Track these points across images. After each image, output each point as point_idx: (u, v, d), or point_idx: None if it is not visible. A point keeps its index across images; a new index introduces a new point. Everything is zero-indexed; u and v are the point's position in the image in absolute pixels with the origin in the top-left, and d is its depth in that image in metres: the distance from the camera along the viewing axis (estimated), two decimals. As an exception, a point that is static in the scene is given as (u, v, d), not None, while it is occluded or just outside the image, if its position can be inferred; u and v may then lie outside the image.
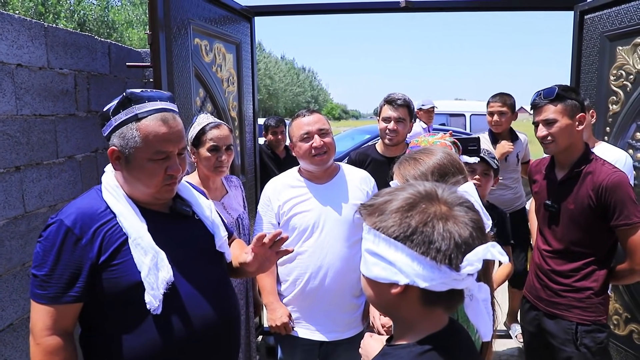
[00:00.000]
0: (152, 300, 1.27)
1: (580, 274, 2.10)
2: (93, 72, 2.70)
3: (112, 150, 1.34)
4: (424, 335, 0.90)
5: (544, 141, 2.12)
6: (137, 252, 1.29)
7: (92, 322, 1.34)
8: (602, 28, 3.03)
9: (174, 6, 2.46)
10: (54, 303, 1.27)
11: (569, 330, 2.11)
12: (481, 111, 10.03)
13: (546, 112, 2.08)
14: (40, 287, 1.27)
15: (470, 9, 3.47)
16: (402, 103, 2.74)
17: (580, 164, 2.09)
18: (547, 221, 2.22)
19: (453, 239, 0.84)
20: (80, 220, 1.29)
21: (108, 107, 1.36)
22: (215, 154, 2.12)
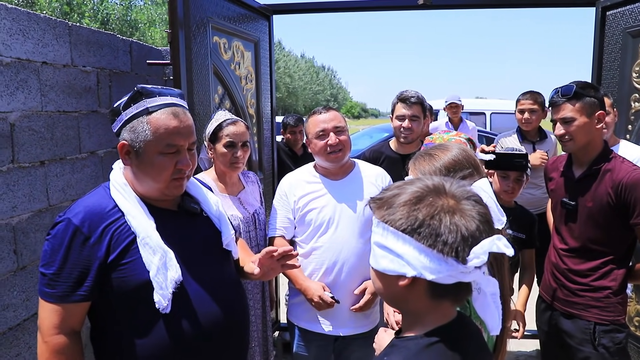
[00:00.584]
0: (160, 300, 1.27)
1: (598, 273, 2.07)
2: (115, 69, 2.76)
3: (123, 144, 1.33)
4: (432, 327, 0.91)
5: (562, 139, 2.10)
6: (145, 251, 1.28)
7: (101, 320, 1.34)
8: (624, 24, 2.98)
9: (194, 5, 2.51)
10: (61, 302, 1.26)
11: (587, 330, 2.08)
12: (501, 109, 9.90)
13: (564, 110, 2.06)
14: (49, 286, 1.27)
15: (489, 5, 3.44)
16: (416, 100, 2.72)
17: (599, 162, 2.06)
18: (564, 219, 2.20)
19: (460, 232, 0.84)
20: (89, 219, 1.28)
21: (119, 103, 1.35)
22: (231, 150, 2.15)
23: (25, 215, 2.06)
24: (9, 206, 1.97)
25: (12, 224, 1.99)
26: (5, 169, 1.96)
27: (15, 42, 2.01)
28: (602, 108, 2.06)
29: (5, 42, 1.96)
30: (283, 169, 3.86)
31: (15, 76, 2.01)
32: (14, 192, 2.00)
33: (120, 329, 1.31)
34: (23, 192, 2.05)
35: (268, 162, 3.47)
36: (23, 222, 2.04)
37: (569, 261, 2.16)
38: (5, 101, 1.96)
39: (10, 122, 1.98)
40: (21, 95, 2.04)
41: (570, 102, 2.04)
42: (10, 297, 1.97)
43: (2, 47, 1.94)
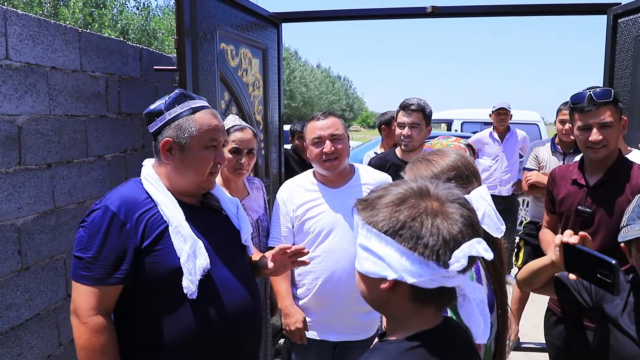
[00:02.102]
0: (189, 285, 1.34)
1: None
2: (124, 75, 2.81)
3: (167, 141, 1.43)
4: (414, 332, 0.89)
5: (596, 145, 1.98)
6: (177, 239, 1.36)
7: (129, 304, 1.40)
8: (636, 32, 2.94)
9: (201, 12, 2.54)
10: (99, 284, 1.33)
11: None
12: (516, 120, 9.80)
13: (604, 115, 1.95)
14: (86, 269, 1.33)
15: (499, 14, 3.42)
16: (416, 108, 2.71)
17: (616, 168, 2.01)
18: (579, 228, 2.11)
19: (441, 234, 0.83)
20: (124, 206, 1.36)
21: (157, 106, 1.46)
22: (235, 156, 2.16)
23: (30, 217, 2.09)
24: (14, 207, 2.01)
25: (17, 224, 2.02)
26: (12, 170, 2.00)
27: (25, 47, 2.06)
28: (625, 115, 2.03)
29: (15, 47, 2.01)
30: (291, 176, 3.87)
31: (24, 80, 2.05)
32: (20, 194, 2.04)
33: (149, 312, 1.38)
34: (29, 194, 2.09)
35: (275, 169, 3.49)
36: (28, 223, 2.08)
37: None
38: (14, 104, 2.00)
39: (18, 125, 2.03)
40: (29, 99, 2.09)
41: (608, 106, 1.95)
42: (13, 296, 2.00)
43: (12, 52, 1.99)
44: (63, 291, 2.30)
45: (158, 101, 1.47)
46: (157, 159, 1.49)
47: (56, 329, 2.25)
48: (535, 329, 4.02)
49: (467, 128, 10.27)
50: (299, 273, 2.14)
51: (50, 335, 2.22)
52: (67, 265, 2.33)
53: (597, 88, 2.01)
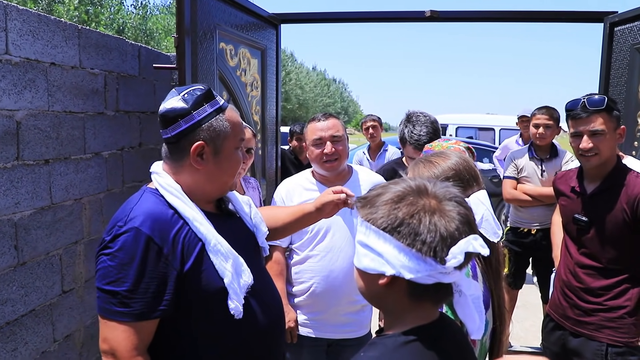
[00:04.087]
0: (237, 306, 1.24)
1: (613, 292, 1.99)
2: (123, 73, 2.81)
3: (199, 145, 1.25)
4: (411, 326, 0.91)
5: (587, 153, 1.98)
6: (217, 258, 1.24)
7: (167, 330, 1.25)
8: (632, 40, 2.97)
9: (201, 12, 2.55)
10: (140, 320, 1.17)
11: (599, 352, 2.00)
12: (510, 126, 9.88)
13: (594, 122, 1.94)
14: (123, 305, 1.15)
15: (496, 19, 3.45)
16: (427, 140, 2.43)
17: (613, 177, 2.00)
18: (576, 236, 2.12)
19: (439, 231, 0.85)
20: (157, 227, 1.19)
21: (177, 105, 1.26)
22: None
23: (27, 212, 2.09)
24: (11, 202, 2.00)
25: (14, 220, 2.02)
26: (10, 165, 1.99)
27: (25, 43, 2.06)
28: (622, 123, 2.01)
29: (15, 42, 2.00)
30: (286, 177, 3.88)
31: (23, 75, 2.05)
32: (17, 189, 2.03)
33: (186, 336, 1.26)
34: (26, 189, 2.08)
35: (271, 169, 3.49)
36: (25, 218, 2.07)
37: (581, 279, 2.08)
38: (13, 99, 2.00)
39: (16, 120, 2.02)
40: (28, 94, 2.08)
41: (600, 114, 1.94)
42: (9, 292, 1.99)
43: (12, 47, 1.99)
44: (58, 287, 2.29)
45: (173, 99, 1.27)
46: (177, 164, 1.29)
47: (51, 325, 2.25)
48: (525, 332, 4.06)
49: (461, 133, 10.34)
50: (296, 271, 2.15)
51: (45, 332, 2.21)
52: (63, 262, 2.32)
53: (593, 95, 2.01)
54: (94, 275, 2.55)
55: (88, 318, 2.53)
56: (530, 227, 3.63)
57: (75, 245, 2.42)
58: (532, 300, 4.54)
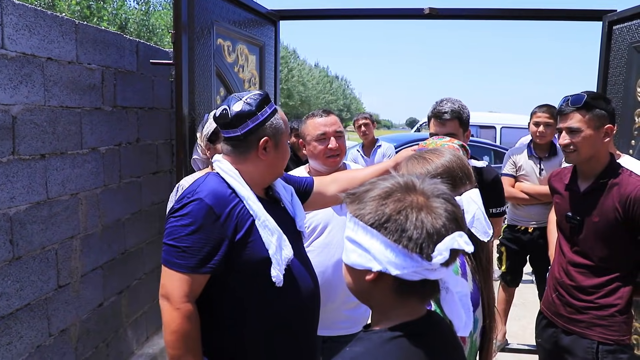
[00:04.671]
0: (278, 274, 1.43)
1: (604, 291, 1.99)
2: (120, 68, 2.81)
3: (266, 139, 1.49)
4: (397, 322, 0.91)
5: (566, 149, 2.04)
6: (265, 232, 1.45)
7: (214, 293, 1.46)
8: (630, 39, 2.96)
9: (199, 8, 2.55)
10: (193, 272, 1.39)
11: (590, 349, 2.00)
12: (512, 124, 9.85)
13: (571, 120, 1.99)
14: (182, 257, 1.38)
15: (496, 17, 3.44)
16: (450, 116, 2.29)
17: (606, 175, 2.00)
18: (569, 234, 2.12)
19: (425, 228, 0.85)
20: (217, 201, 1.42)
21: (243, 108, 1.47)
22: None
23: (23, 207, 2.09)
24: (7, 197, 2.01)
25: (10, 214, 2.03)
26: (6, 160, 2.00)
27: (21, 37, 2.06)
28: (611, 121, 2.00)
29: (11, 36, 2.01)
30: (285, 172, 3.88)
31: (19, 70, 2.06)
32: (13, 183, 2.04)
33: (233, 299, 1.46)
34: (22, 184, 2.09)
35: (269, 166, 3.49)
36: (20, 213, 2.08)
37: (573, 277, 2.09)
38: (9, 94, 2.00)
39: (12, 115, 2.03)
40: (25, 89, 2.09)
41: (579, 112, 1.97)
42: (3, 286, 2.00)
43: (8, 41, 2.00)
44: (54, 282, 2.31)
45: (238, 104, 1.48)
46: (242, 157, 1.51)
47: (46, 319, 2.26)
48: (523, 330, 4.06)
49: None
50: None
51: (40, 326, 2.22)
52: (59, 256, 2.33)
53: (583, 93, 2.02)
54: (90, 270, 2.58)
55: (84, 312, 2.55)
56: (528, 225, 3.63)
57: (72, 240, 2.43)
58: (530, 298, 4.54)
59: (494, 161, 7.37)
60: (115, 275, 2.85)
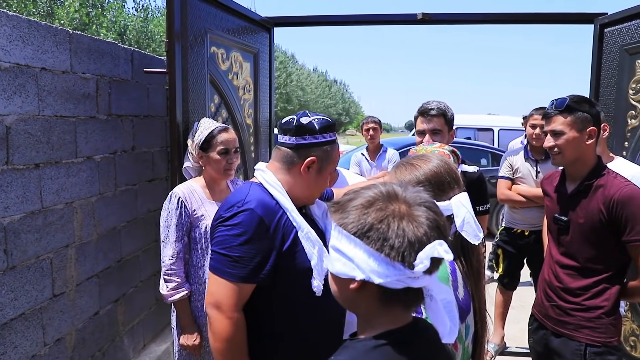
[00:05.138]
0: (319, 285, 1.48)
1: (591, 292, 2.02)
2: (115, 77, 2.83)
3: (313, 159, 1.53)
4: (382, 330, 0.92)
5: (551, 152, 2.09)
6: (307, 243, 1.49)
7: (257, 302, 1.50)
8: (621, 41, 2.98)
9: (192, 16, 2.57)
10: (244, 282, 1.43)
11: (578, 351, 2.02)
12: (509, 126, 9.87)
13: (555, 122, 2.04)
14: (233, 267, 1.42)
15: (487, 21, 3.46)
16: (437, 113, 2.46)
17: (592, 177, 2.03)
18: (557, 236, 2.15)
19: (406, 237, 0.86)
20: (266, 211, 1.46)
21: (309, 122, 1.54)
22: (225, 157, 2.22)
23: (17, 216, 2.10)
24: (1, 206, 2.02)
25: (4, 224, 2.03)
26: (0, 170, 2.01)
27: (15, 48, 2.08)
28: (595, 124, 2.03)
29: (5, 47, 2.02)
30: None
31: (13, 81, 2.07)
32: (7, 193, 2.05)
33: (274, 306, 1.51)
34: (16, 194, 2.10)
35: (265, 172, 3.51)
36: (15, 222, 2.09)
37: (561, 279, 2.11)
38: (2, 104, 2.02)
39: (6, 125, 2.04)
40: (18, 99, 2.10)
41: (562, 115, 2.02)
42: (-2, 296, 2.00)
43: (1, 52, 2.01)
44: (49, 291, 2.31)
45: (305, 118, 1.55)
46: (287, 167, 1.55)
47: (41, 329, 2.26)
48: (522, 333, 4.04)
49: (460, 133, 10.34)
50: None
51: (35, 335, 2.22)
52: (54, 265, 2.34)
53: (566, 97, 2.05)
54: (86, 279, 2.58)
55: (79, 321, 2.55)
56: (524, 229, 3.64)
57: (67, 248, 2.43)
58: (528, 301, 4.51)
59: (492, 164, 7.38)
60: (111, 284, 2.86)
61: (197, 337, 2.15)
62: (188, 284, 2.19)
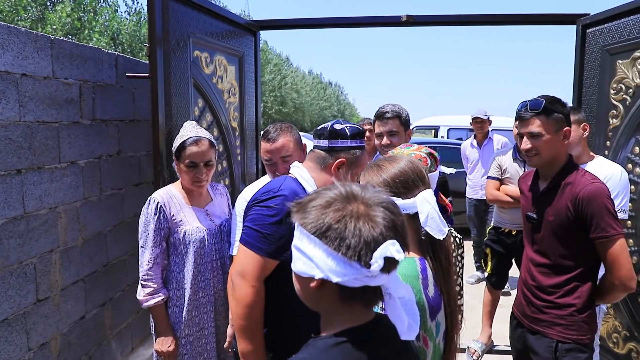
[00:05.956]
0: None
1: (563, 290, 2.04)
2: (99, 82, 2.84)
3: (343, 161, 1.72)
4: (343, 328, 0.94)
5: (528, 154, 2.09)
6: None
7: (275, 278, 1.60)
8: (602, 42, 3.01)
9: (174, 20, 2.58)
10: (270, 257, 1.58)
11: (550, 348, 2.04)
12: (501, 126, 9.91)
13: (532, 125, 2.05)
14: (263, 242, 1.58)
15: (471, 23, 3.49)
16: (391, 115, 2.65)
17: (561, 175, 2.06)
18: (530, 234, 2.18)
19: (363, 236, 0.87)
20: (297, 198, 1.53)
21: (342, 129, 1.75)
22: (192, 170, 2.14)
23: (-1, 222, 2.11)
24: (-18, 213, 2.02)
25: (-15, 230, 2.04)
26: (-20, 176, 2.02)
27: (-5, 55, 2.08)
28: (568, 124, 2.06)
29: (-16, 54, 2.03)
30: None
31: (-7, 87, 2.08)
32: (-12, 199, 2.05)
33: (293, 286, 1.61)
34: (-2, 199, 2.10)
35: (252, 174, 3.52)
36: (-4, 228, 2.09)
37: (535, 277, 2.13)
38: (-18, 111, 2.02)
39: (-14, 131, 2.05)
40: (-1, 105, 2.11)
41: (538, 117, 2.03)
42: (-20, 301, 2.01)
43: (-19, 59, 2.02)
44: (33, 296, 2.31)
45: (338, 124, 1.76)
46: (319, 166, 1.74)
47: (25, 334, 2.27)
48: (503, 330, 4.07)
49: (453, 134, 10.38)
50: None
51: (19, 340, 2.23)
52: (38, 270, 2.35)
53: (540, 98, 2.06)
54: (71, 283, 2.58)
55: (65, 326, 2.55)
56: (512, 228, 3.66)
57: (51, 253, 2.44)
58: (517, 300, 4.54)
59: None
60: (98, 288, 2.86)
61: (171, 343, 2.13)
62: (165, 290, 2.15)
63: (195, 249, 2.14)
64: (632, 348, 2.77)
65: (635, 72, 2.75)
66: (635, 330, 2.74)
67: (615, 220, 1.91)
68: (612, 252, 1.90)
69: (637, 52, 2.72)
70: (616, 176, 2.53)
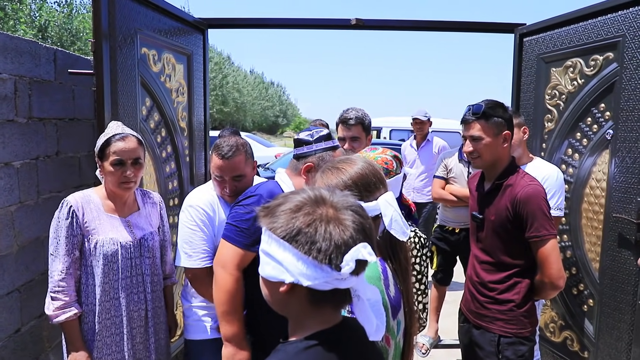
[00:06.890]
0: None
1: (503, 286, 2.15)
2: (36, 78, 2.66)
3: (310, 165, 1.87)
4: (312, 331, 0.94)
5: (471, 156, 2.20)
6: None
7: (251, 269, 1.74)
8: (538, 50, 3.21)
9: (120, 15, 2.47)
10: (246, 249, 1.79)
11: (492, 342, 2.15)
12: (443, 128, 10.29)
13: (473, 129, 2.15)
14: (239, 235, 1.79)
15: (416, 28, 3.60)
16: (354, 122, 2.70)
17: (503, 177, 2.16)
18: (475, 232, 2.29)
19: (333, 240, 0.89)
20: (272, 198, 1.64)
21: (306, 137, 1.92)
22: (119, 169, 1.97)
23: None
24: None
25: None
26: None
27: None
28: (509, 128, 2.17)
29: None
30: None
31: None
32: None
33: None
34: None
35: (200, 176, 3.43)
36: None
37: (478, 274, 2.24)
38: None
39: None
40: None
41: (479, 121, 2.13)
42: None
43: None
44: (-37, 309, 2.13)
45: (305, 133, 1.95)
46: (294, 172, 1.92)
47: (-46, 351, 2.08)
48: (455, 326, 4.24)
49: (395, 135, 10.65)
50: None
51: (-53, 358, 2.04)
52: (-32, 281, 2.16)
53: (482, 102, 2.17)
54: (5, 294, 2.41)
55: None
56: (455, 226, 3.81)
57: (-17, 262, 2.25)
58: (460, 296, 4.74)
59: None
60: (35, 298, 2.68)
61: None
62: (78, 304, 1.96)
63: (106, 262, 1.96)
64: (567, 336, 2.97)
65: (567, 80, 2.95)
66: (570, 319, 2.94)
67: (549, 222, 2.03)
68: (543, 252, 2.02)
69: (569, 61, 2.93)
70: (553, 176, 2.71)
